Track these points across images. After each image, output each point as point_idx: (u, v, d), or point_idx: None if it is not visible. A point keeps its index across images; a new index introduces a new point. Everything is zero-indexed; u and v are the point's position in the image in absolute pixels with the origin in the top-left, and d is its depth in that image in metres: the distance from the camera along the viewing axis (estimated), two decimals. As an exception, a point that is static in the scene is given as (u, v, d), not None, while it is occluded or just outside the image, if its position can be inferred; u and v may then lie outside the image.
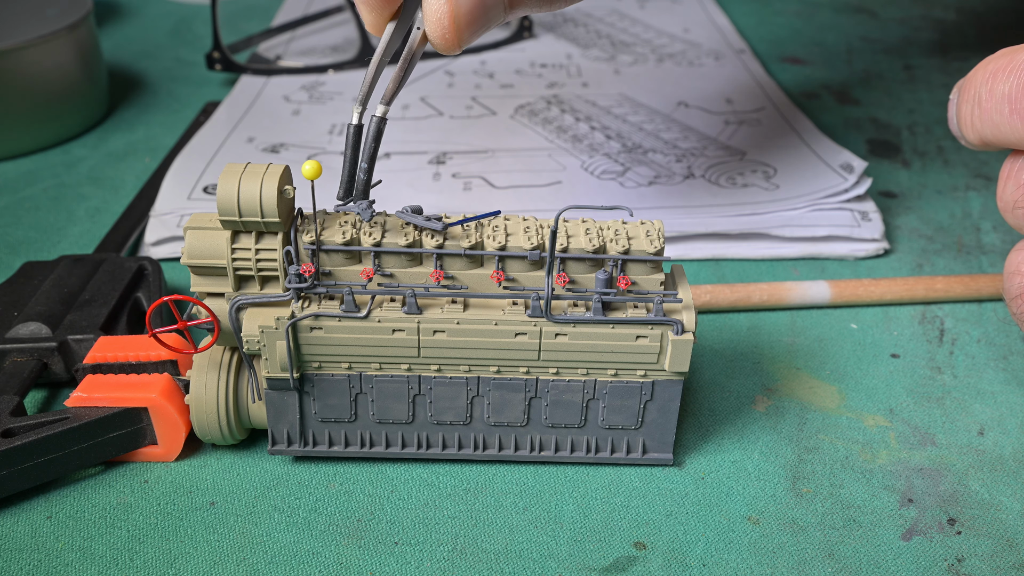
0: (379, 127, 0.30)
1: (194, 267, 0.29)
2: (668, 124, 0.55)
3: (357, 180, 0.29)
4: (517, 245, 0.29)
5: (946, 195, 0.51)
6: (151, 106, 0.60)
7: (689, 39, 0.70)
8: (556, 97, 0.59)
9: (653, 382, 0.30)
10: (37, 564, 0.28)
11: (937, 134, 0.57)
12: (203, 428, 0.31)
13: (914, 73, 0.67)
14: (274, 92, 0.60)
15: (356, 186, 0.29)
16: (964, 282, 0.41)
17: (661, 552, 0.29)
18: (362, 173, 0.29)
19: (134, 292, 0.38)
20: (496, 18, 0.34)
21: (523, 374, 0.30)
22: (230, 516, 0.30)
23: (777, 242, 0.45)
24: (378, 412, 0.31)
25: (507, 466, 0.32)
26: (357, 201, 0.29)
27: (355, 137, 0.30)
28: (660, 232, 0.29)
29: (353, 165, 0.30)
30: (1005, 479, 0.32)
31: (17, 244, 0.45)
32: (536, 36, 0.70)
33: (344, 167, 0.30)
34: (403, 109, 0.57)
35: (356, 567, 0.28)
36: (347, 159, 0.29)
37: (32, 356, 0.34)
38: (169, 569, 0.28)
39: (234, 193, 0.28)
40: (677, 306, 0.29)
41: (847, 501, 0.31)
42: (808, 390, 0.36)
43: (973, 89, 0.30)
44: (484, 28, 0.33)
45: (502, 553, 0.29)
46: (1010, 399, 0.36)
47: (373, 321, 0.29)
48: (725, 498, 0.31)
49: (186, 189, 0.47)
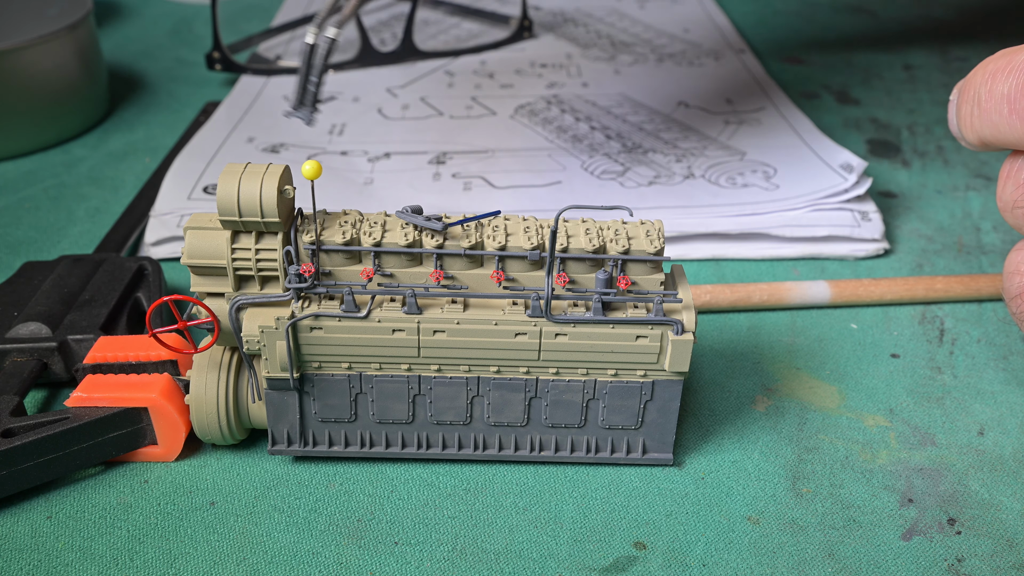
0: (329, 46, 0.34)
1: (194, 267, 0.29)
2: (668, 124, 0.55)
3: (307, 92, 0.34)
4: (517, 245, 0.29)
5: (946, 195, 0.51)
6: (151, 106, 0.60)
7: (689, 39, 0.70)
8: (556, 97, 0.59)
9: (653, 382, 0.30)
10: (37, 564, 0.28)
11: (937, 134, 0.57)
12: (203, 428, 0.31)
13: (914, 73, 0.67)
14: (274, 92, 0.60)
15: (306, 96, 0.34)
16: (964, 282, 0.41)
17: (661, 552, 0.29)
18: (311, 86, 0.34)
19: (134, 292, 0.38)
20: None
21: (523, 374, 0.30)
22: (230, 516, 0.30)
23: (777, 242, 0.45)
24: (378, 412, 0.31)
25: (507, 466, 0.32)
26: (304, 108, 0.34)
27: (309, 54, 0.35)
28: (660, 232, 0.29)
29: (305, 78, 0.34)
30: (1005, 479, 0.32)
31: (17, 244, 0.45)
32: (536, 36, 0.70)
33: (299, 80, 0.34)
34: (403, 109, 0.57)
35: (356, 567, 0.28)
36: (301, 73, 0.34)
37: (32, 356, 0.34)
38: (169, 569, 0.28)
39: (234, 193, 0.28)
40: (677, 306, 0.29)
41: (847, 501, 0.31)
42: (808, 390, 0.36)
43: (972, 89, 0.30)
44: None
45: (502, 553, 0.29)
46: (1010, 399, 0.36)
47: (373, 321, 0.29)
48: (725, 498, 0.31)
49: (186, 189, 0.47)
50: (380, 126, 0.55)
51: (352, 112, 0.57)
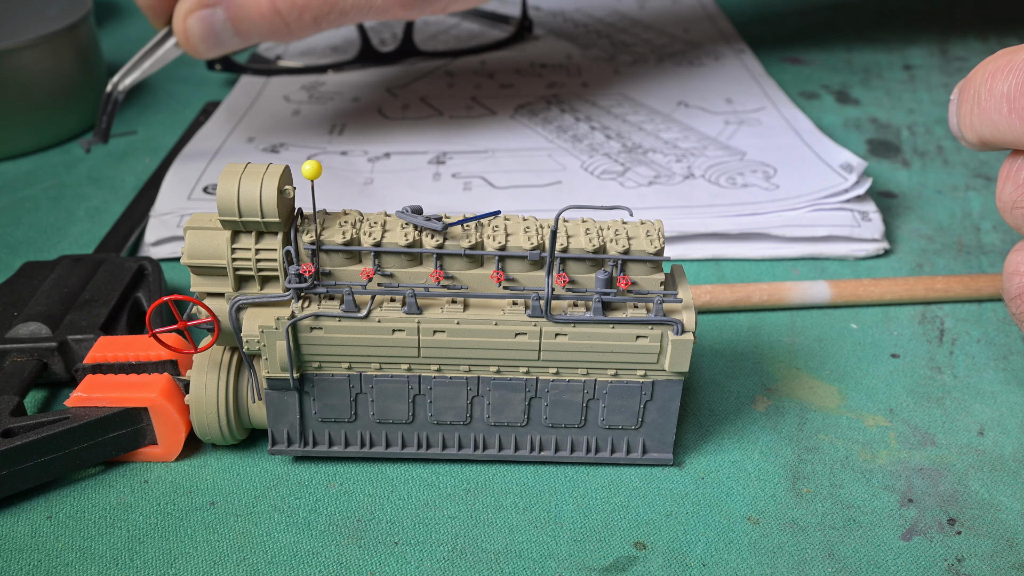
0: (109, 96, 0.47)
1: (194, 267, 0.29)
2: (668, 124, 0.55)
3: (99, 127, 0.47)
4: (517, 245, 0.29)
5: (946, 195, 0.51)
6: (151, 106, 0.60)
7: (689, 39, 0.70)
8: (556, 97, 0.59)
9: (653, 382, 0.30)
10: (37, 564, 0.28)
11: (937, 134, 0.57)
12: (203, 428, 0.31)
13: (914, 73, 0.67)
14: (274, 92, 0.60)
15: (97, 129, 0.47)
16: (964, 282, 0.41)
17: (661, 552, 0.29)
18: (102, 124, 0.47)
19: (134, 292, 0.38)
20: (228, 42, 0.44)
21: (523, 374, 0.30)
22: (230, 516, 0.30)
23: (777, 242, 0.45)
24: (378, 412, 0.31)
25: (507, 466, 0.32)
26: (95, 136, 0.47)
27: (106, 99, 0.47)
28: (660, 232, 0.29)
29: (100, 116, 0.47)
30: (1005, 479, 0.32)
31: (17, 244, 0.45)
32: (536, 36, 0.70)
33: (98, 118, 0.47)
34: (403, 109, 0.57)
35: (356, 567, 0.28)
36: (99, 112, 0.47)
37: (32, 356, 0.34)
38: (169, 569, 0.28)
39: (234, 193, 0.28)
40: (677, 306, 0.29)
41: (847, 501, 0.31)
42: (808, 390, 0.36)
43: (972, 89, 0.30)
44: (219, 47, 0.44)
45: (502, 553, 0.29)
46: (1010, 399, 0.36)
47: (373, 321, 0.29)
48: (725, 498, 0.31)
49: (186, 189, 0.47)
50: (380, 126, 0.55)
51: (352, 112, 0.57)
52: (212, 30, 0.43)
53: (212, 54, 0.45)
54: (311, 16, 0.42)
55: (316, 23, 0.43)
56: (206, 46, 0.44)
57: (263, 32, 0.43)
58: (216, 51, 0.44)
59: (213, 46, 0.44)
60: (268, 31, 0.43)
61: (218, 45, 0.44)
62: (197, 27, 0.43)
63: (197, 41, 0.43)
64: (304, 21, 0.43)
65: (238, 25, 0.43)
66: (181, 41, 0.44)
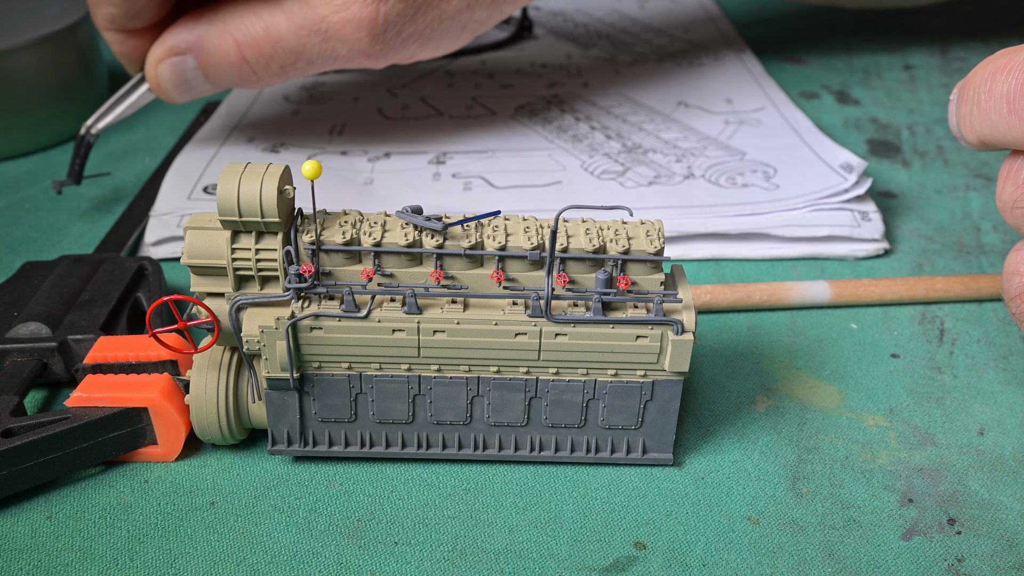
0: (82, 138, 0.47)
1: (194, 267, 0.29)
2: (668, 124, 0.55)
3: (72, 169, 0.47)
4: (517, 245, 0.29)
5: (946, 195, 0.51)
6: (151, 106, 0.60)
7: (689, 39, 0.70)
8: (556, 97, 0.59)
9: (653, 382, 0.30)
10: (37, 564, 0.28)
11: (937, 134, 0.57)
12: (203, 428, 0.31)
13: (914, 73, 0.67)
14: (274, 92, 0.60)
15: (71, 171, 0.47)
16: (964, 282, 0.41)
17: (661, 552, 0.29)
18: (75, 166, 0.47)
19: (134, 292, 0.38)
20: (199, 88, 0.46)
21: (523, 374, 0.30)
22: (230, 516, 0.30)
23: (777, 242, 0.45)
24: (378, 412, 0.31)
25: (507, 466, 0.32)
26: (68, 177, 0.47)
27: (79, 141, 0.47)
28: (660, 232, 0.29)
29: (73, 159, 0.47)
30: (1005, 479, 0.32)
31: (17, 244, 0.45)
32: (536, 36, 0.70)
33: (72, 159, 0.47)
34: (403, 109, 0.57)
35: (356, 567, 0.28)
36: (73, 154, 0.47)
37: (32, 356, 0.34)
38: (169, 569, 0.28)
39: (234, 193, 0.28)
40: (677, 306, 0.29)
41: (847, 501, 0.31)
42: (808, 390, 0.36)
43: (972, 89, 0.30)
44: (190, 92, 0.46)
45: (502, 553, 0.29)
46: (1010, 399, 0.36)
47: (373, 321, 0.29)
48: (725, 498, 0.31)
49: (186, 189, 0.47)
50: (380, 126, 0.55)
51: (352, 112, 0.57)
52: (183, 77, 0.45)
53: (184, 99, 0.46)
54: (278, 65, 0.44)
55: (283, 71, 0.44)
56: (178, 92, 0.45)
57: (232, 79, 0.45)
58: (188, 96, 0.46)
59: (184, 92, 0.46)
60: (237, 78, 0.45)
61: (189, 91, 0.46)
62: (168, 74, 0.45)
63: (169, 87, 0.45)
64: (271, 70, 0.44)
65: (208, 72, 0.44)
66: (153, 87, 0.46)
